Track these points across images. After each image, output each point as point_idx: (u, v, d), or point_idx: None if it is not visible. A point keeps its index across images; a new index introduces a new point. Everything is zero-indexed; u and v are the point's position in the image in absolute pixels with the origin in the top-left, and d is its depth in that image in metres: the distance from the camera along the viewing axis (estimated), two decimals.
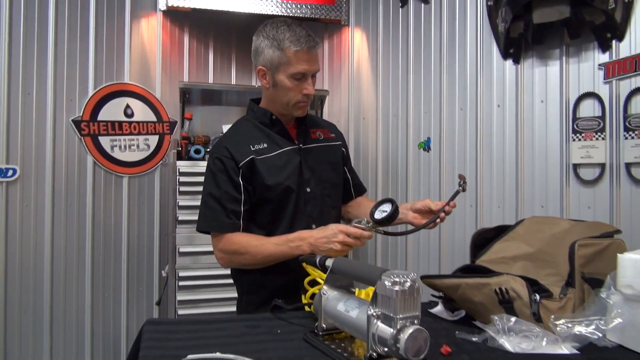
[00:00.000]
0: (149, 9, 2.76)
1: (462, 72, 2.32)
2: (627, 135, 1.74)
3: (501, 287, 1.04)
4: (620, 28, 1.75)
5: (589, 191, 1.87)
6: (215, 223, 1.47)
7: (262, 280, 1.50)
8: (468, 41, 2.29)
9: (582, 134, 1.88)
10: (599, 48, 1.83)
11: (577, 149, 1.89)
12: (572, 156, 1.91)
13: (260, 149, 1.50)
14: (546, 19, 1.86)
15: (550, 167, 1.99)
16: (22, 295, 2.35)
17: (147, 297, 2.75)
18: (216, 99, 2.87)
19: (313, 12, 2.85)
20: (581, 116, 1.88)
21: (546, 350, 0.96)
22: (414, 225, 1.48)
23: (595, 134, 1.84)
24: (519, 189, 2.10)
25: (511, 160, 2.12)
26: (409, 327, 0.85)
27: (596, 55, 1.84)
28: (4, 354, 2.28)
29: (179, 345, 1.06)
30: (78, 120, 2.52)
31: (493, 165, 2.19)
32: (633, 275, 0.93)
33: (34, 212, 2.38)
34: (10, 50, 2.26)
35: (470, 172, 2.29)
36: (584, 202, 1.88)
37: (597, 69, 1.84)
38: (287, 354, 1.02)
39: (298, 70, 1.44)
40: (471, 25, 2.28)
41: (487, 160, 2.22)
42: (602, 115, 1.82)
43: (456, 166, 2.36)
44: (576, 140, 1.89)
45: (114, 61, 2.65)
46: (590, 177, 1.85)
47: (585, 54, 1.88)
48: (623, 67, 1.78)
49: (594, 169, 1.85)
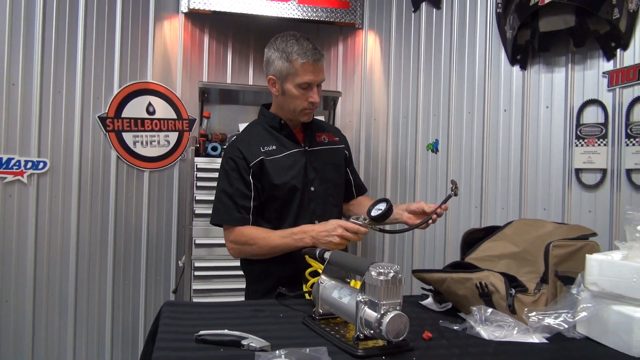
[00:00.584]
0: (171, 11, 2.89)
1: (471, 77, 2.38)
2: (628, 142, 1.78)
3: (481, 282, 1.14)
4: (625, 37, 1.79)
5: (590, 196, 1.91)
6: (227, 217, 1.60)
7: (268, 270, 1.62)
8: (477, 46, 2.35)
9: (584, 140, 1.93)
10: (603, 56, 1.86)
11: (579, 154, 1.93)
12: (575, 161, 1.96)
13: (269, 150, 1.63)
14: (552, 27, 1.91)
15: (554, 171, 2.04)
16: (50, 279, 2.49)
17: (165, 285, 2.89)
18: (234, 98, 2.98)
19: (328, 16, 2.94)
20: (584, 122, 1.93)
21: (517, 338, 1.06)
22: (408, 225, 1.59)
23: (598, 140, 1.89)
24: (522, 191, 2.16)
25: (516, 163, 2.18)
26: (391, 312, 0.96)
27: (601, 63, 1.88)
28: (32, 331, 2.44)
29: (192, 324, 1.18)
30: (103, 116, 2.66)
31: (498, 167, 2.25)
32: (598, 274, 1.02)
33: (62, 202, 2.52)
34: (43, 52, 2.40)
35: (476, 173, 2.35)
36: (585, 206, 1.93)
37: (601, 76, 1.88)
38: (287, 335, 1.14)
39: (304, 81, 1.58)
40: (480, 31, 2.34)
41: (492, 162, 2.28)
42: (604, 122, 1.86)
43: (463, 168, 2.42)
44: (579, 145, 1.94)
45: (138, 61, 2.78)
46: (592, 182, 1.90)
47: (590, 62, 1.92)
48: (627, 76, 1.81)
49: (595, 174, 1.89)
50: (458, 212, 2.43)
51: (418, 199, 2.68)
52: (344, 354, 1.02)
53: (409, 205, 1.61)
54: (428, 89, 2.64)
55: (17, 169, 2.34)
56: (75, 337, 2.59)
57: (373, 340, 1.02)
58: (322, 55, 1.62)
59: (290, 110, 1.64)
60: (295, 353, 0.96)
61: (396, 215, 1.60)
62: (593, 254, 1.06)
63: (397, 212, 1.61)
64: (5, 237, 2.34)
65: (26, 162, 2.36)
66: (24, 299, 2.40)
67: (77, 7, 2.52)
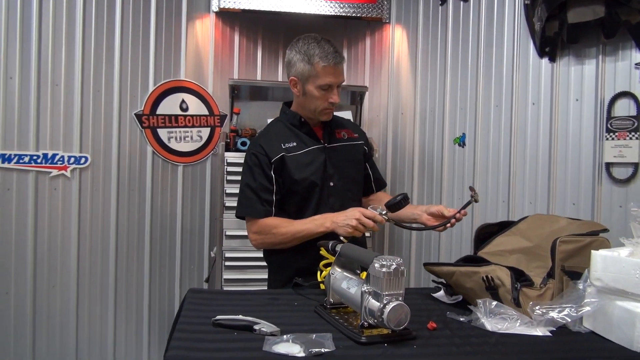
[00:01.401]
0: (202, 11, 2.98)
1: (498, 70, 2.35)
2: None
3: (488, 275, 1.15)
4: None
5: (622, 190, 1.87)
6: (251, 210, 1.68)
7: (288, 261, 1.70)
8: (505, 39, 2.31)
9: (615, 133, 1.88)
10: (636, 47, 1.81)
11: (610, 148, 1.89)
12: (605, 155, 1.90)
13: (290, 147, 1.70)
14: (581, 18, 1.86)
15: (583, 165, 1.99)
16: (92, 267, 2.65)
17: (198, 274, 3.02)
18: (263, 95, 3.06)
19: (356, 11, 2.96)
20: (616, 115, 1.88)
21: (520, 331, 1.07)
22: (425, 225, 1.63)
23: (629, 134, 1.84)
24: (551, 186, 2.12)
25: (544, 157, 2.14)
26: (393, 302, 1.00)
27: (633, 54, 1.81)
28: (76, 317, 2.61)
29: (212, 310, 1.27)
30: (140, 114, 2.79)
31: (526, 161, 2.21)
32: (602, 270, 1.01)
33: (102, 195, 2.67)
34: (83, 54, 2.54)
35: (503, 168, 2.33)
36: (616, 201, 1.89)
37: (633, 68, 1.82)
38: (299, 322, 1.21)
39: (325, 82, 1.64)
40: (509, 24, 2.30)
41: (520, 156, 2.25)
42: (636, 115, 1.81)
43: (490, 161, 2.40)
44: (609, 139, 1.89)
45: (172, 60, 2.89)
46: (623, 176, 1.85)
47: (622, 53, 1.86)
48: None
49: (627, 168, 1.84)
50: (485, 207, 2.42)
51: (445, 194, 2.68)
52: (349, 341, 1.07)
53: (428, 207, 1.65)
54: (455, 83, 2.62)
55: (61, 164, 2.50)
56: (115, 323, 2.75)
57: (378, 329, 1.07)
58: (343, 58, 1.67)
59: (311, 110, 1.71)
60: (301, 337, 1.02)
61: (415, 216, 1.66)
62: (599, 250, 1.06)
63: (417, 212, 1.66)
64: (52, 227, 2.51)
65: (69, 157, 2.52)
66: (68, 287, 2.57)
67: (114, 11, 2.64)
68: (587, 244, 1.17)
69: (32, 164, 2.42)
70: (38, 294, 2.47)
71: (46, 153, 2.45)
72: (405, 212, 1.71)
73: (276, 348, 1.00)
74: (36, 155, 2.42)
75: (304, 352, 0.98)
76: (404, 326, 1.03)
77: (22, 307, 2.43)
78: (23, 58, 2.37)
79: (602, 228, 1.27)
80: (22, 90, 2.38)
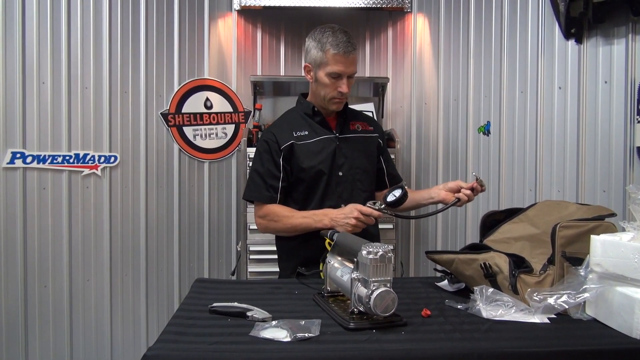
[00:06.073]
0: (224, 9, 3.04)
1: (523, 55, 2.27)
2: None
3: (486, 262, 1.11)
4: None
5: None
6: (257, 194, 1.73)
7: (295, 249, 1.73)
8: (530, 22, 2.23)
9: None
10: None
11: None
12: (637, 139, 1.81)
13: (301, 135, 1.73)
14: None
15: (614, 150, 1.90)
16: (123, 261, 2.76)
17: (226, 268, 3.09)
18: (285, 90, 3.08)
19: (377, 2, 2.93)
20: None
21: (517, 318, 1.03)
22: (444, 204, 1.64)
23: None
24: (579, 173, 2.03)
25: (572, 143, 2.05)
26: (379, 288, 0.98)
27: None
28: (110, 309, 2.72)
29: (211, 298, 1.30)
30: (166, 113, 2.88)
31: (553, 148, 2.13)
32: (601, 255, 0.96)
33: (131, 193, 2.77)
34: (110, 56, 2.63)
35: (529, 155, 2.25)
36: None
37: None
38: (294, 309, 1.23)
39: (334, 70, 1.66)
40: (532, 6, 2.22)
41: (547, 143, 2.17)
42: None
43: (516, 150, 2.32)
44: None
45: (195, 59, 2.95)
46: None
47: None
48: None
49: None
50: (512, 195, 2.34)
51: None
52: (339, 327, 1.06)
53: (445, 184, 1.67)
54: (478, 70, 2.55)
55: (92, 163, 2.61)
56: (147, 316, 2.85)
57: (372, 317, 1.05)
58: (355, 49, 1.68)
59: (320, 97, 1.74)
60: (289, 323, 1.02)
61: (432, 195, 1.68)
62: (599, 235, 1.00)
63: (433, 192, 1.68)
64: (85, 224, 2.62)
65: (99, 156, 2.63)
66: (102, 281, 2.68)
67: (139, 13, 2.73)
68: (590, 228, 1.12)
69: (65, 164, 2.53)
70: (74, 287, 2.60)
71: (78, 153, 2.56)
72: (422, 194, 1.72)
73: (263, 333, 1.01)
74: (69, 156, 2.54)
75: (289, 337, 0.98)
76: (393, 312, 1.01)
77: (59, 299, 2.56)
78: (54, 64, 2.48)
79: (609, 212, 1.19)
80: (54, 94, 2.49)
